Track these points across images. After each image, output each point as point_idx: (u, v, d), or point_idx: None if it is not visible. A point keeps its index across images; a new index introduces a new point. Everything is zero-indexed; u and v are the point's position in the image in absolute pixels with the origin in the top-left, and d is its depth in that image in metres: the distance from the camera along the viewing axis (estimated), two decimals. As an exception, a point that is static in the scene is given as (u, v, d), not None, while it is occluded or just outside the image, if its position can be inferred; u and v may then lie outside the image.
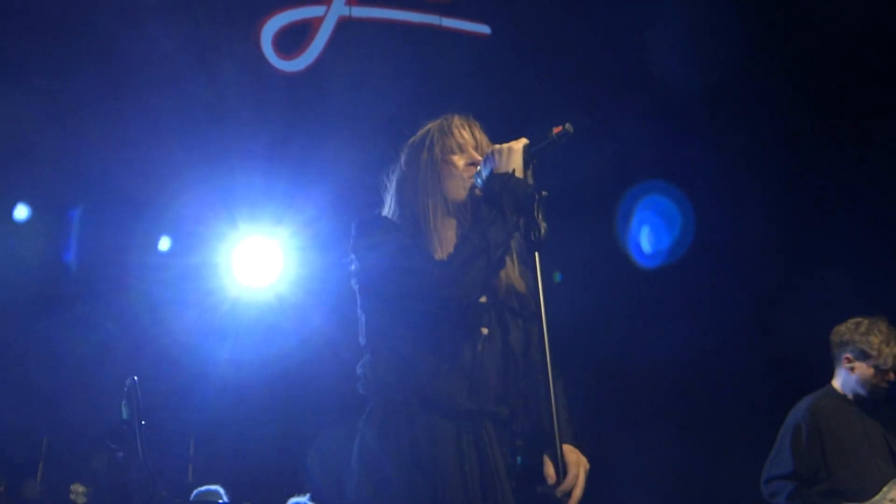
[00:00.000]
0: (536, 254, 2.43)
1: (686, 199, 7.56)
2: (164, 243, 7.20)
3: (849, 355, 4.64)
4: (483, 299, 2.59)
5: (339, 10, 6.99)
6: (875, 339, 4.54)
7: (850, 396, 4.67)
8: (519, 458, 2.51)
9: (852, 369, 4.63)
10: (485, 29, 7.96)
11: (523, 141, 2.53)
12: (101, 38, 6.13)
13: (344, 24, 6.99)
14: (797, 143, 7.33)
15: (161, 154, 6.61)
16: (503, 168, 2.47)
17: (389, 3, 7.39)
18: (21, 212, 6.58)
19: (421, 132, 2.77)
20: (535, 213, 2.44)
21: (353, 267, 2.65)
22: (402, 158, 2.76)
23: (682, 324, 7.36)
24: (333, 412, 6.22)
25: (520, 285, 2.67)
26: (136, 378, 4.00)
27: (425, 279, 2.42)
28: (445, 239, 2.56)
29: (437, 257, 2.53)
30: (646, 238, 7.77)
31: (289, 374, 7.12)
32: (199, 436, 7.49)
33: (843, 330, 4.70)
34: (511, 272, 2.65)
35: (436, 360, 2.46)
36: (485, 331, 2.56)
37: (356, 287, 2.66)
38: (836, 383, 4.73)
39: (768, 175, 7.36)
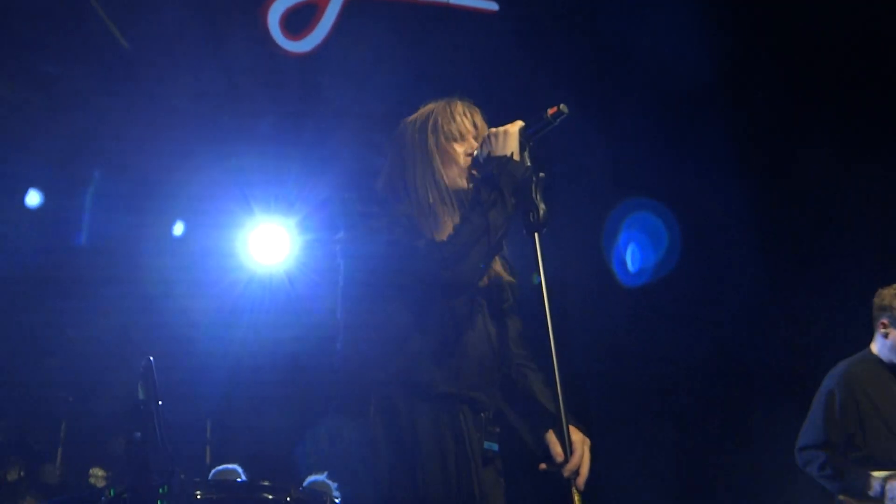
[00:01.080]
0: (536, 235, 2.44)
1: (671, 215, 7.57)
2: (179, 228, 7.23)
3: (885, 320, 4.63)
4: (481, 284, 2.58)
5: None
6: None
7: (885, 361, 4.64)
8: (496, 446, 2.52)
9: (887, 335, 4.62)
10: (492, 6, 7.93)
11: (519, 123, 2.52)
12: (113, 21, 6.13)
13: (351, 4, 6.97)
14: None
15: (173, 137, 6.64)
16: (500, 151, 2.46)
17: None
18: (33, 198, 6.61)
19: (423, 112, 2.72)
20: (534, 195, 2.44)
21: (341, 238, 2.61)
22: (404, 136, 2.70)
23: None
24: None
25: (504, 275, 2.67)
26: (151, 359, 4.02)
27: (427, 260, 2.39)
28: (443, 224, 2.52)
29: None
30: (631, 256, 7.76)
31: (303, 355, 7.14)
32: (216, 417, 7.55)
33: (885, 294, 4.68)
34: (495, 262, 2.63)
35: (421, 343, 2.45)
36: (467, 318, 2.54)
37: (342, 260, 2.62)
38: (874, 347, 4.70)
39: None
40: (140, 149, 6.62)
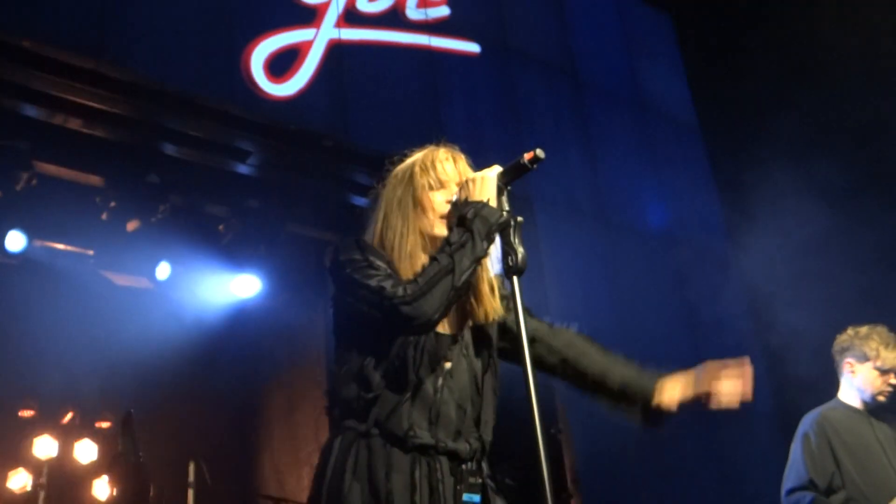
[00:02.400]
0: (515, 279, 2.45)
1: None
2: (164, 271, 7.22)
3: (850, 360, 4.68)
4: (446, 330, 2.59)
5: (328, 33, 7.05)
6: (874, 342, 4.60)
7: (857, 406, 4.68)
8: (478, 497, 2.50)
9: (854, 373, 4.66)
10: (474, 48, 8.03)
11: (496, 168, 2.56)
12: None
13: (334, 48, 7.05)
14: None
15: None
16: (476, 196, 2.50)
17: (379, 25, 7.45)
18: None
19: (405, 163, 2.78)
20: (512, 239, 2.46)
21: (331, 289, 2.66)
22: (386, 189, 2.76)
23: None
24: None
25: (495, 314, 2.68)
26: (132, 411, 4.02)
27: (391, 297, 2.41)
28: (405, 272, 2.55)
29: None
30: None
31: (291, 389, 7.14)
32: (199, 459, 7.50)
33: (844, 337, 4.75)
34: (486, 300, 2.65)
35: (398, 391, 2.47)
36: (447, 364, 2.56)
37: (332, 310, 2.67)
38: (842, 394, 4.75)
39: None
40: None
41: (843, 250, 7.23)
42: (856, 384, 4.66)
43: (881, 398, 4.61)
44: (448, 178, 2.69)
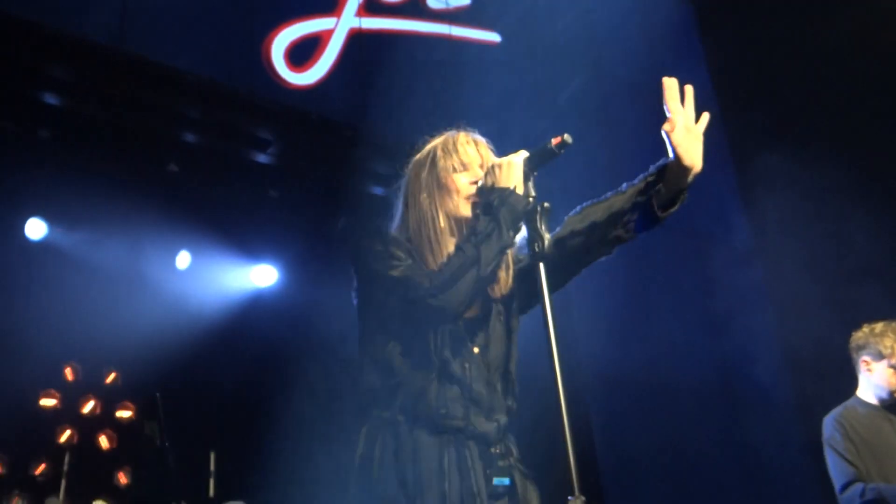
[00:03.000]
0: (541, 265, 2.40)
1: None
2: (184, 260, 7.23)
3: (866, 358, 4.67)
4: (474, 313, 2.57)
5: (349, 21, 7.04)
6: (889, 339, 4.59)
7: (875, 403, 4.66)
8: (505, 480, 2.47)
9: (870, 371, 4.65)
10: (495, 37, 8.00)
11: (523, 154, 2.52)
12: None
13: (355, 36, 7.03)
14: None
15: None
16: (503, 182, 2.47)
17: (399, 14, 7.43)
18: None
19: (426, 149, 2.76)
20: (538, 225, 2.41)
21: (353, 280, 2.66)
22: (407, 176, 2.75)
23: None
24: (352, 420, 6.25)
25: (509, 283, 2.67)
26: (158, 395, 4.01)
27: (416, 288, 2.39)
28: (445, 257, 2.53)
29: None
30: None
31: (314, 384, 7.14)
32: (220, 449, 7.51)
33: (860, 335, 4.74)
34: (504, 280, 2.64)
35: (424, 375, 2.45)
36: (475, 349, 2.54)
37: (355, 300, 2.66)
38: (861, 391, 4.74)
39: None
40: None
41: (868, 248, 7.18)
42: (873, 381, 4.65)
43: None
44: (470, 159, 2.66)
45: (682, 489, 7.33)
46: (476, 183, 2.61)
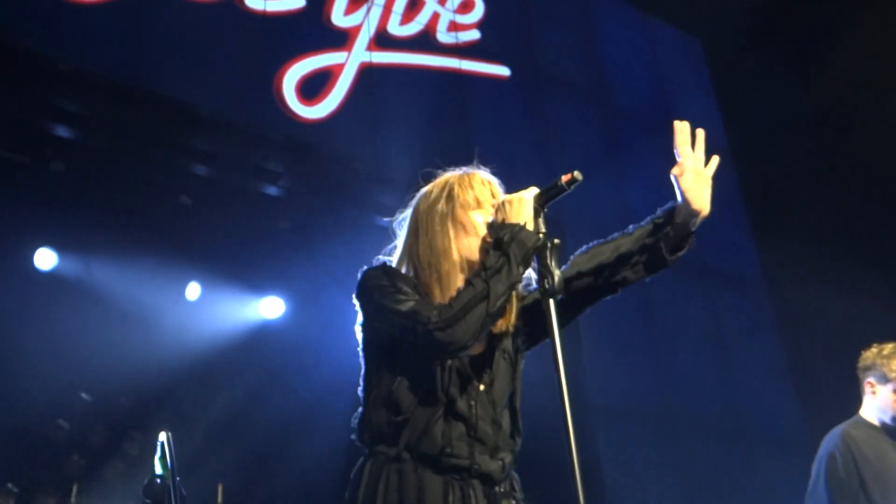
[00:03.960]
0: (551, 301, 2.40)
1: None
2: (193, 291, 7.25)
3: (871, 380, 4.57)
4: (479, 350, 2.55)
5: (359, 56, 7.09)
6: (895, 363, 4.51)
7: (877, 424, 4.59)
8: None
9: (874, 394, 4.56)
10: (504, 71, 8.05)
11: (534, 190, 2.52)
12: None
13: (365, 71, 7.09)
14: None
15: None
16: (513, 218, 2.46)
17: (410, 48, 7.49)
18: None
19: (440, 181, 2.73)
20: (549, 261, 2.41)
21: (358, 316, 2.63)
22: (416, 207, 2.72)
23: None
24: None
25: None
26: (168, 434, 4.00)
27: (422, 320, 2.36)
28: (453, 291, 2.50)
29: None
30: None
31: (319, 412, 7.13)
32: (228, 481, 7.49)
33: (868, 355, 4.63)
34: (509, 316, 2.61)
35: (430, 412, 2.44)
36: (481, 387, 2.52)
37: (361, 336, 2.63)
38: (863, 411, 4.66)
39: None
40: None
41: (876, 275, 7.18)
42: (876, 404, 4.55)
43: None
44: (486, 198, 2.64)
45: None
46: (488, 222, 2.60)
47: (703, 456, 7.65)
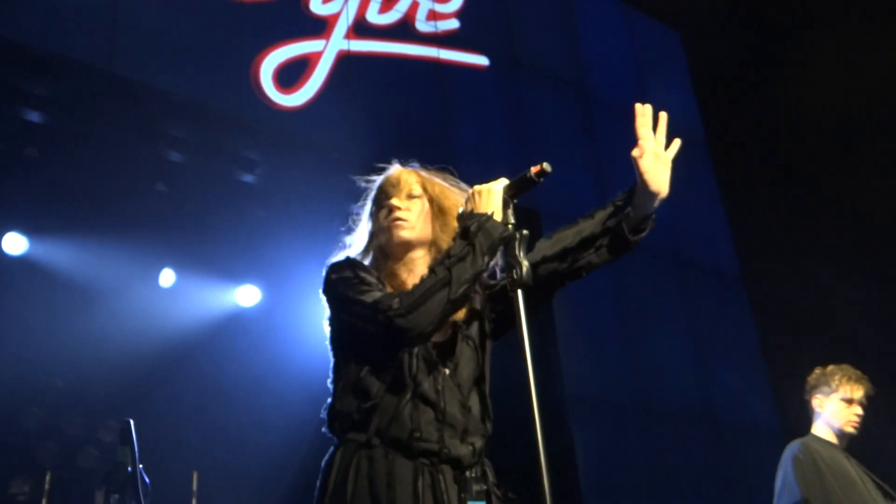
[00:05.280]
0: (519, 292, 2.41)
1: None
2: (168, 278, 7.22)
3: (818, 396, 4.81)
4: (442, 337, 2.58)
5: (338, 44, 7.07)
6: (838, 375, 4.77)
7: (832, 440, 4.75)
8: None
9: (822, 408, 4.78)
10: (483, 60, 8.04)
11: (503, 181, 2.55)
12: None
13: (343, 59, 7.06)
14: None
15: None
16: (482, 209, 2.49)
17: (388, 37, 7.47)
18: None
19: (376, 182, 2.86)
20: (517, 252, 2.42)
21: (325, 310, 2.68)
22: (365, 201, 2.86)
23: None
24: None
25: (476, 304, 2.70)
26: (131, 421, 4.00)
27: (383, 309, 2.40)
28: (403, 282, 2.61)
29: None
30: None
31: (293, 401, 7.12)
32: (202, 468, 7.48)
33: (812, 377, 4.90)
34: (474, 302, 2.66)
35: (398, 398, 2.45)
36: (446, 371, 2.54)
37: (329, 328, 2.67)
38: (816, 429, 4.84)
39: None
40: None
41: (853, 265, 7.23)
42: (825, 418, 4.76)
43: (849, 429, 4.71)
44: (393, 187, 2.76)
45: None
46: (391, 210, 2.70)
47: (678, 444, 7.70)
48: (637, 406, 7.65)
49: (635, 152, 2.62)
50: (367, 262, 2.72)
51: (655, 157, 2.61)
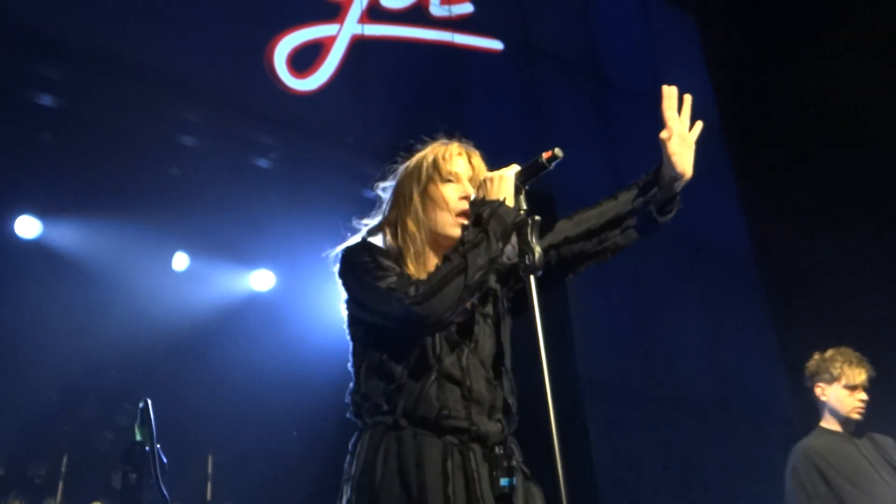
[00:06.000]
0: (532, 278, 2.41)
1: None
2: (181, 262, 7.23)
3: (820, 384, 4.78)
4: (461, 317, 2.56)
5: (351, 28, 7.05)
6: (838, 362, 4.73)
7: (838, 429, 4.73)
8: (510, 481, 2.44)
9: (825, 396, 4.75)
10: (497, 45, 8.01)
11: (515, 167, 2.55)
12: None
13: (357, 43, 7.04)
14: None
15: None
16: (494, 195, 2.49)
17: (402, 21, 7.44)
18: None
19: (417, 156, 2.76)
20: (529, 238, 2.43)
21: (342, 293, 2.66)
22: (396, 182, 2.75)
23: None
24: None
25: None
26: (148, 401, 4.01)
27: (400, 296, 2.39)
28: (430, 268, 2.53)
29: None
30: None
31: (309, 386, 7.14)
32: (217, 452, 7.52)
33: (811, 363, 4.87)
34: (489, 280, 2.63)
35: (424, 378, 2.45)
36: (467, 349, 2.54)
37: (346, 312, 2.66)
38: (823, 421, 4.81)
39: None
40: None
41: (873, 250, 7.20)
42: (829, 407, 4.74)
43: (855, 415, 4.68)
44: (461, 172, 2.68)
45: (682, 498, 7.33)
46: (465, 198, 2.62)
47: (691, 431, 7.69)
48: (650, 392, 7.64)
49: (664, 134, 2.62)
50: (388, 234, 2.68)
51: (682, 138, 2.61)
